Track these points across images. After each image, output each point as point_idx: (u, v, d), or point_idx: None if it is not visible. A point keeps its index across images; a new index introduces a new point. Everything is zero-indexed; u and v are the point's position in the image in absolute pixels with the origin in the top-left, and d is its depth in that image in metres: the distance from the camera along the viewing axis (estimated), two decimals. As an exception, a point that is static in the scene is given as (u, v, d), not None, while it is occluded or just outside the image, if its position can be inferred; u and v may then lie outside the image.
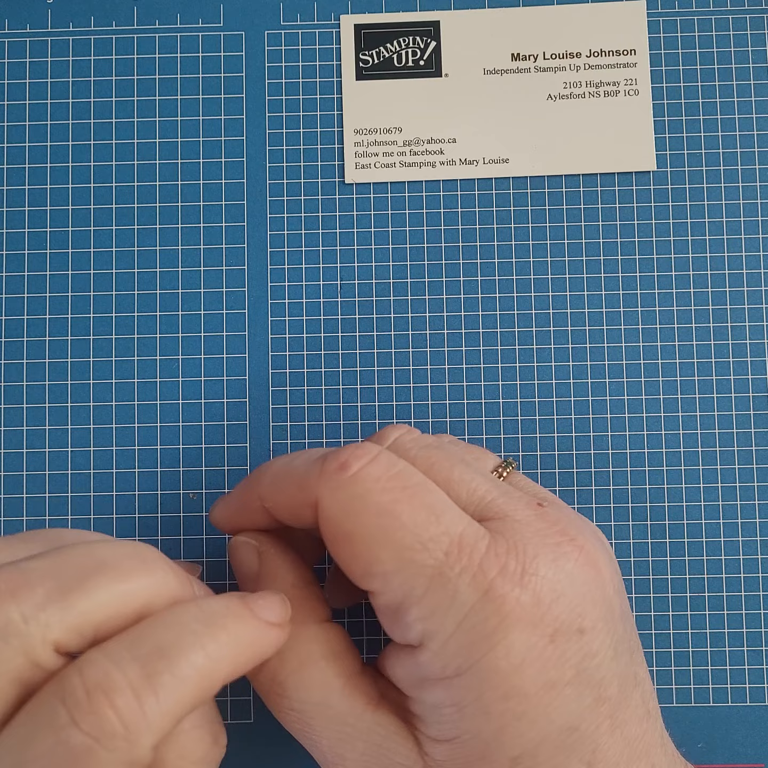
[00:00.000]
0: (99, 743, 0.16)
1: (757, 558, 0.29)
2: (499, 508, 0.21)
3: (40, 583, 0.17)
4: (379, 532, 0.19)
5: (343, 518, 0.20)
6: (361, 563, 0.20)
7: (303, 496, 0.21)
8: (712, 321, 0.30)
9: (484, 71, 0.31)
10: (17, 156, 0.30)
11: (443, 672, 0.19)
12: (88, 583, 0.18)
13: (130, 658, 0.17)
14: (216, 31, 0.31)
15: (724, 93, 0.30)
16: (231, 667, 0.19)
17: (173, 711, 0.17)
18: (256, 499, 0.23)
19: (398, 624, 0.20)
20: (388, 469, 0.20)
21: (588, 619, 0.19)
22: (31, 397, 0.29)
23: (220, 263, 0.30)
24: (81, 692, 0.16)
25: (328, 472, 0.20)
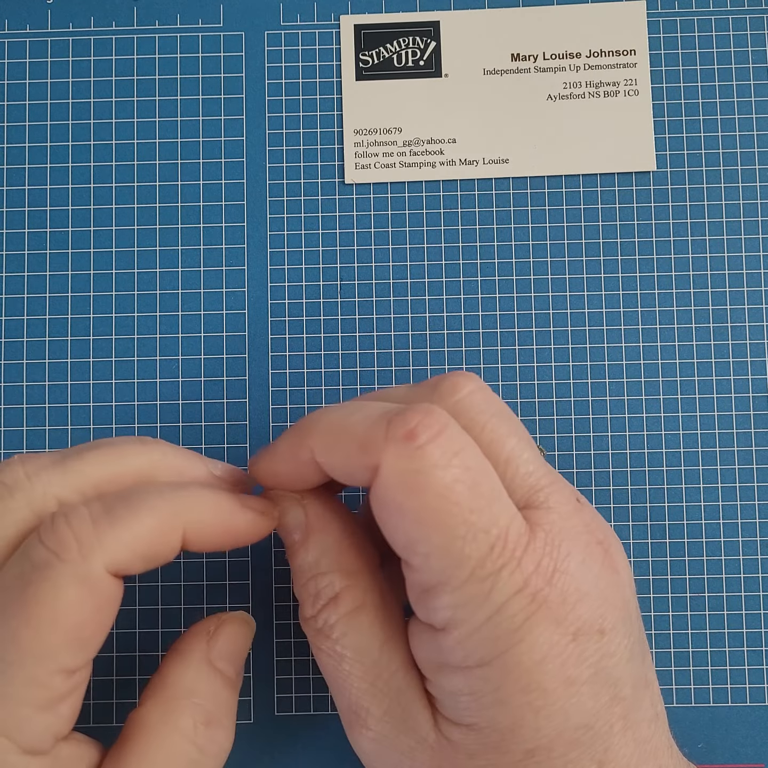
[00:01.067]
0: (56, 556, 0.19)
1: (757, 558, 0.29)
2: (546, 497, 0.20)
3: (46, 456, 0.21)
4: (435, 514, 0.19)
5: (402, 490, 0.19)
6: (407, 537, 0.20)
7: (363, 458, 0.20)
8: (712, 321, 0.30)
9: (484, 71, 0.31)
10: (17, 156, 0.30)
11: (464, 661, 0.19)
12: (87, 452, 0.21)
13: (98, 500, 0.20)
14: (216, 31, 0.31)
15: (724, 93, 0.31)
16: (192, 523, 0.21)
17: (127, 541, 0.20)
18: (308, 451, 0.21)
19: (426, 603, 0.20)
20: (455, 444, 0.19)
21: (608, 621, 0.20)
22: (31, 397, 0.30)
23: (220, 263, 0.30)
24: (49, 519, 0.20)
25: (395, 438, 0.19)
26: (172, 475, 0.22)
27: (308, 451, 0.21)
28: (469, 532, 0.19)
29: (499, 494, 0.20)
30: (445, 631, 0.20)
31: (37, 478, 0.21)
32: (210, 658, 0.22)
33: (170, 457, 0.22)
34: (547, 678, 0.19)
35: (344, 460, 0.21)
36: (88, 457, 0.21)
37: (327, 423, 0.21)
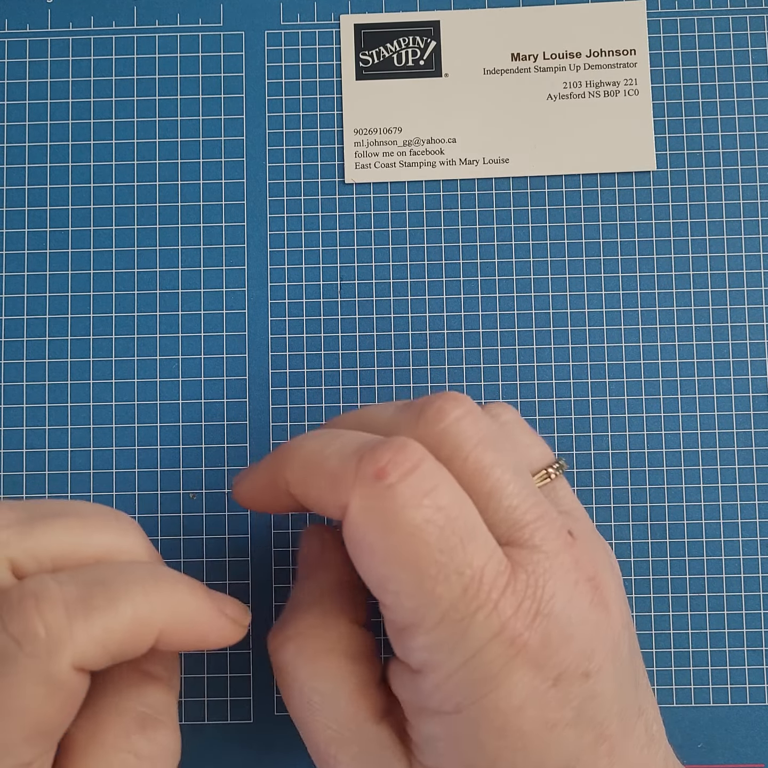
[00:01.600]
0: (20, 648, 0.17)
1: (757, 558, 0.29)
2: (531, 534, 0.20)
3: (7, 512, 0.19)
4: (405, 554, 0.18)
5: (370, 529, 0.19)
6: (378, 576, 0.19)
7: (333, 495, 0.19)
8: (712, 321, 0.30)
9: (484, 71, 0.31)
10: (17, 156, 0.30)
11: (441, 706, 0.19)
12: (53, 519, 0.19)
13: (72, 582, 0.18)
14: (216, 31, 0.31)
15: (724, 93, 0.30)
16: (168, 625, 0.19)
17: (100, 638, 0.18)
18: (283, 482, 0.21)
19: (402, 643, 0.20)
20: (427, 482, 0.19)
21: (594, 662, 0.19)
22: (31, 397, 0.29)
23: (220, 263, 0.30)
24: (15, 597, 0.17)
25: (364, 477, 0.19)
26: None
27: (283, 482, 0.21)
28: (440, 573, 0.18)
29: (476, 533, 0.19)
30: (421, 673, 0.19)
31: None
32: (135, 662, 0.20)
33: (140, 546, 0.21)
34: (527, 722, 0.19)
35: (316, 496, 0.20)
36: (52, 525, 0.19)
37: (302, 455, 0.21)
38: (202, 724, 0.29)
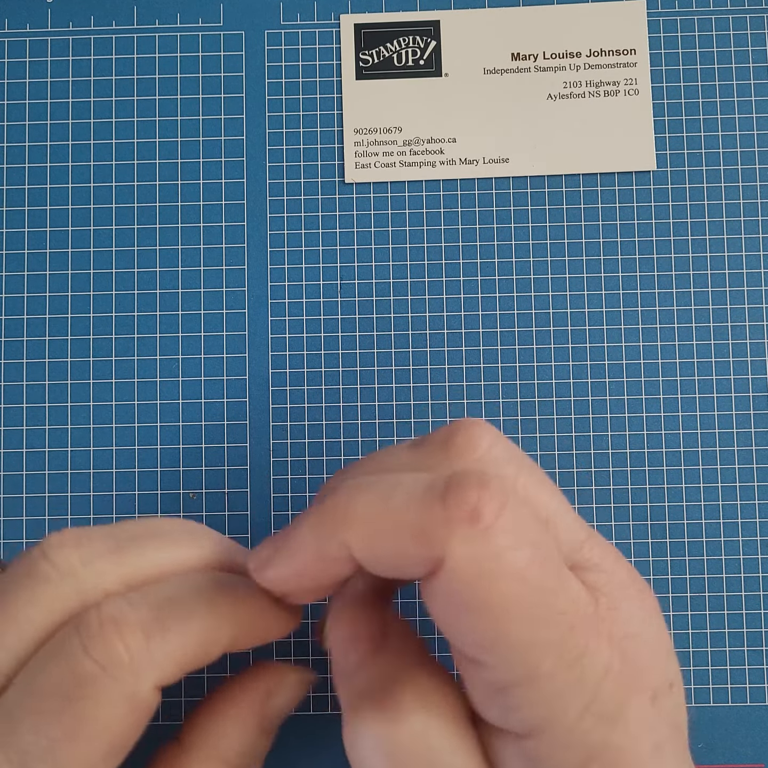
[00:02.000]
0: (105, 672, 0.17)
1: (757, 558, 0.29)
2: (590, 553, 0.19)
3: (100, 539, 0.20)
4: (514, 603, 0.17)
5: (477, 583, 0.16)
6: (483, 635, 0.17)
7: (420, 549, 0.17)
8: (712, 321, 0.30)
9: (484, 71, 0.31)
10: (17, 156, 0.30)
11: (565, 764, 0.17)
12: (142, 542, 0.20)
13: (144, 603, 0.19)
14: (216, 30, 0.31)
15: (724, 93, 0.30)
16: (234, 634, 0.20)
17: (176, 656, 0.18)
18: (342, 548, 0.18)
19: (503, 705, 0.18)
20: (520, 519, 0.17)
21: (672, 671, 0.19)
22: (31, 397, 0.29)
23: (220, 263, 0.30)
24: (95, 624, 0.18)
25: (458, 521, 0.16)
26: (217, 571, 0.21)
27: (343, 548, 0.18)
28: (550, 615, 0.17)
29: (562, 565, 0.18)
30: (532, 735, 0.17)
31: (91, 567, 0.19)
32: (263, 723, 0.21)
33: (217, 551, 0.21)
34: (643, 750, 0.17)
35: (394, 554, 0.17)
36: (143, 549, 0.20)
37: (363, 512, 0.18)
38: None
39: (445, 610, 0.17)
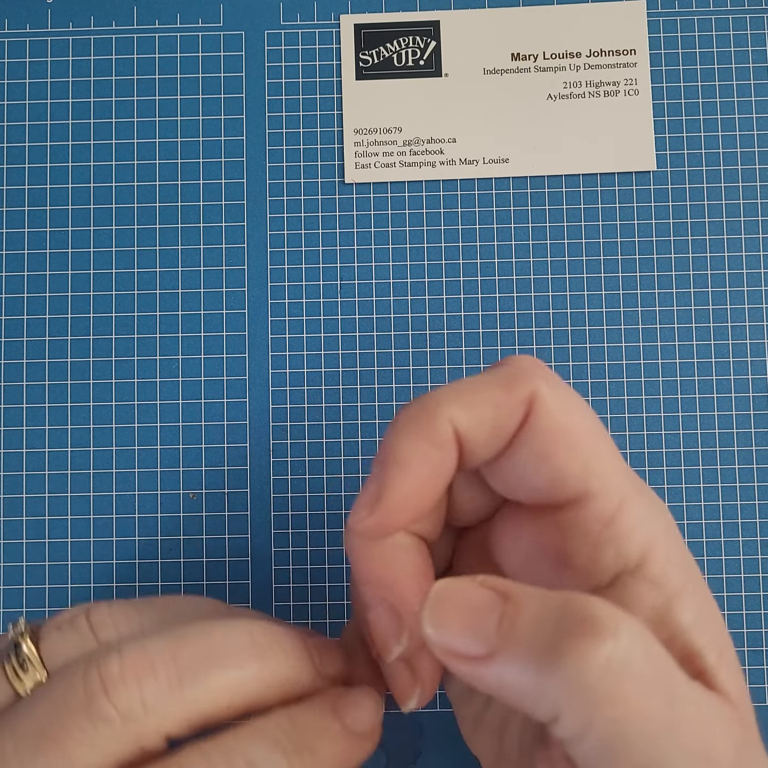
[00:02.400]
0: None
1: (757, 558, 0.29)
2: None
3: (162, 670, 0.18)
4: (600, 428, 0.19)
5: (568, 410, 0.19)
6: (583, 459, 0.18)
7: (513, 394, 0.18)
8: (712, 321, 0.30)
9: (484, 71, 0.31)
10: (17, 156, 0.30)
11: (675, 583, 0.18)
12: (205, 673, 0.18)
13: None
14: (216, 31, 0.31)
15: (724, 93, 0.30)
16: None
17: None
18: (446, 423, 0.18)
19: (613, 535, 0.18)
20: None
21: None
22: (31, 397, 0.29)
23: (220, 263, 0.30)
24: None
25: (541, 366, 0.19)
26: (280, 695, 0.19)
27: (447, 423, 0.18)
28: None
29: None
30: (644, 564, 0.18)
31: (153, 711, 0.18)
32: None
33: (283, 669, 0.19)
34: None
35: (492, 408, 0.18)
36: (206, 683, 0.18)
37: (458, 386, 0.19)
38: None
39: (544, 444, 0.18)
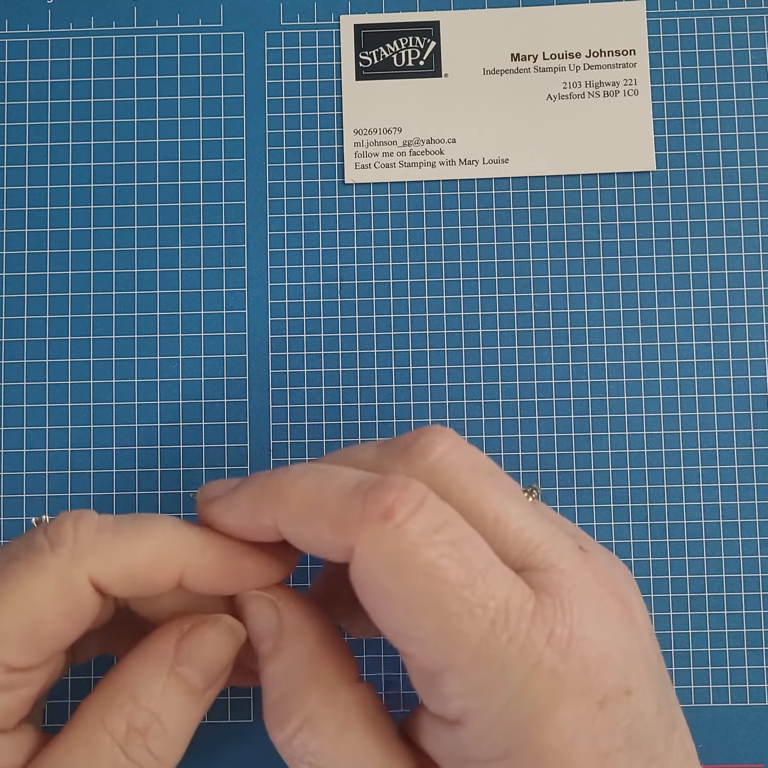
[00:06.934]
0: (50, 547, 0.19)
1: (757, 558, 0.29)
2: (545, 555, 0.19)
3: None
4: (424, 596, 0.17)
5: (383, 575, 0.18)
6: (397, 624, 0.18)
7: (336, 538, 0.18)
8: (711, 321, 0.30)
9: (484, 71, 0.31)
10: (17, 156, 0.30)
11: (488, 754, 0.18)
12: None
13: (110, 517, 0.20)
14: (216, 31, 0.31)
15: (723, 93, 0.31)
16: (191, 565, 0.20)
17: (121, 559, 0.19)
18: (270, 519, 0.20)
19: (434, 693, 0.18)
20: (435, 518, 0.18)
21: (633, 679, 0.18)
22: (31, 397, 0.29)
23: (220, 263, 0.30)
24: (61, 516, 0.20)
25: (370, 518, 0.18)
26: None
27: (269, 520, 0.20)
28: (463, 609, 0.17)
29: (492, 563, 0.18)
30: (461, 723, 0.18)
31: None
32: (174, 662, 0.20)
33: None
34: (580, 756, 0.18)
35: (313, 538, 0.19)
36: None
37: (297, 494, 0.19)
38: (201, 723, 0.28)
39: (363, 597, 0.19)
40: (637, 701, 0.18)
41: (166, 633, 0.21)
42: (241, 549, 0.21)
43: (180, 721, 0.20)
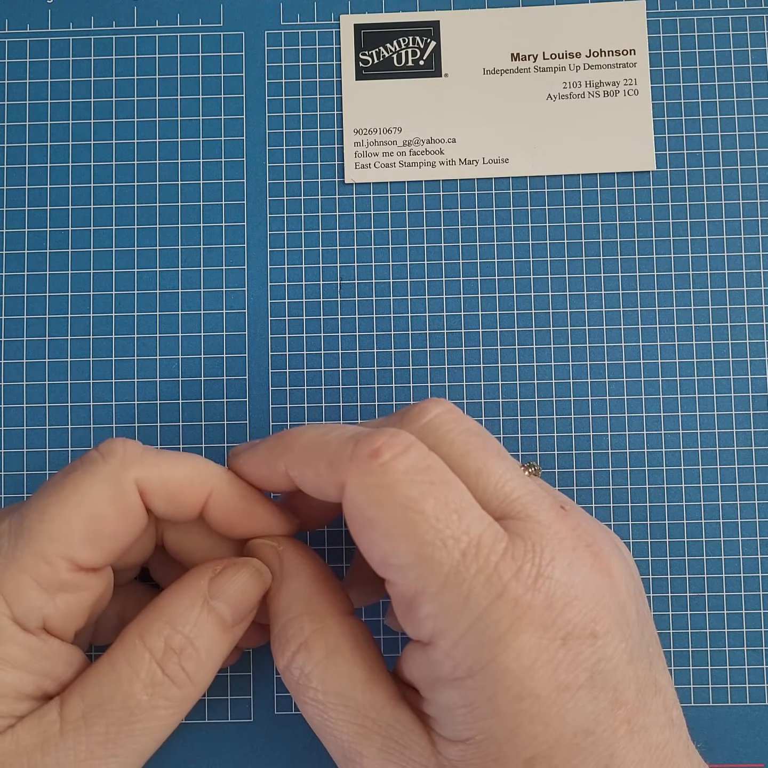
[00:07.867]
0: (102, 457, 0.22)
1: (757, 558, 0.29)
2: (523, 506, 0.21)
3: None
4: (402, 525, 0.20)
5: (367, 505, 0.20)
6: (379, 552, 0.20)
7: (331, 475, 0.21)
8: (711, 321, 0.30)
9: (483, 71, 0.31)
10: (17, 156, 0.30)
11: (454, 672, 0.19)
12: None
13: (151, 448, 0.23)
14: (216, 31, 0.31)
15: (723, 93, 0.31)
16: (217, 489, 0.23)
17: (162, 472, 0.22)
18: (282, 465, 0.23)
19: (411, 618, 0.20)
20: (419, 461, 0.20)
21: (601, 624, 0.20)
22: (31, 397, 0.30)
23: (220, 263, 0.30)
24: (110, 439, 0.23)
25: (359, 456, 0.20)
26: None
27: (282, 465, 0.23)
28: (437, 539, 0.19)
29: (470, 506, 0.20)
30: (431, 644, 0.20)
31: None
32: (207, 596, 0.22)
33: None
34: (539, 684, 0.19)
35: (314, 477, 0.22)
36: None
37: (302, 441, 0.22)
38: (202, 723, 0.29)
39: (352, 529, 0.21)
40: (605, 645, 0.19)
41: (202, 571, 0.23)
42: (257, 496, 0.24)
43: (211, 648, 0.22)
